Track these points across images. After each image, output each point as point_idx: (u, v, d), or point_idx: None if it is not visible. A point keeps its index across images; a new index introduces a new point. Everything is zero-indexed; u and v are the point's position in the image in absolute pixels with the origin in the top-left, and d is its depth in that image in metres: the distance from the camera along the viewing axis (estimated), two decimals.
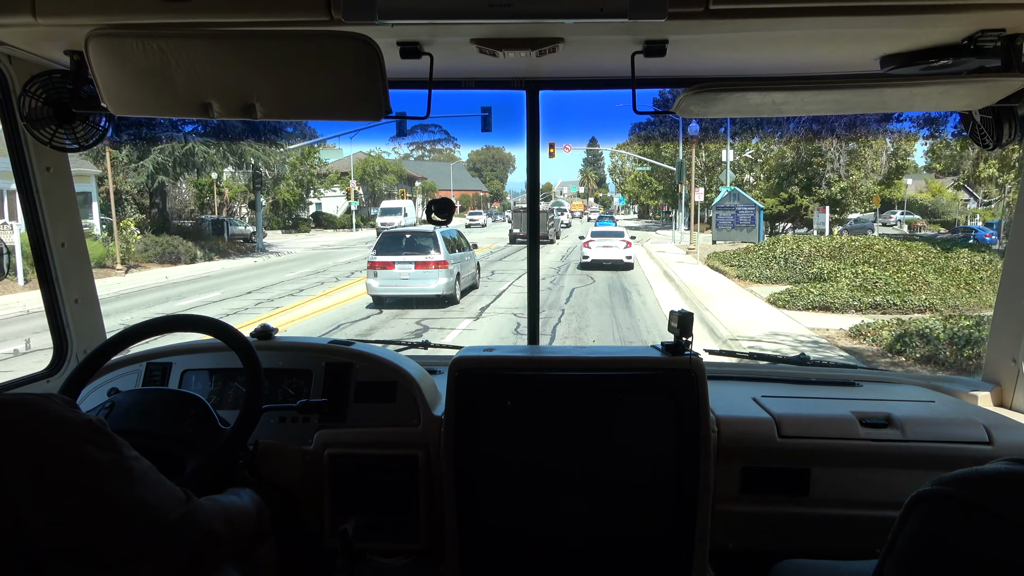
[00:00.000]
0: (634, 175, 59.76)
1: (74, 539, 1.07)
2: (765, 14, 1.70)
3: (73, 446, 1.10)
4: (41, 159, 2.30)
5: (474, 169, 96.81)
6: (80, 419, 1.13)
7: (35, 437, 1.08)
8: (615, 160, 63.90)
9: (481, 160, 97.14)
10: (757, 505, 2.18)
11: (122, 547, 1.13)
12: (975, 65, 1.96)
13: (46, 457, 1.07)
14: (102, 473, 1.12)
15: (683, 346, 2.04)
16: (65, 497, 1.07)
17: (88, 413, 1.20)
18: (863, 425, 2.18)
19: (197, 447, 1.81)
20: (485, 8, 1.62)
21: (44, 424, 1.09)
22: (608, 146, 70.43)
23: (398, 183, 61.70)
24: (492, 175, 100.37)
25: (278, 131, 29.44)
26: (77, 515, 1.08)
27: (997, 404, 2.51)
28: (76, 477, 1.09)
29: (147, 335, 1.98)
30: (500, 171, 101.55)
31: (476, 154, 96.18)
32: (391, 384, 2.23)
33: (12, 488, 1.04)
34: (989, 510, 0.98)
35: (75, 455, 1.09)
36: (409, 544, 2.16)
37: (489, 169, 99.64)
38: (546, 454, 2.03)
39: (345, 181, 52.44)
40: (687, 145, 37.65)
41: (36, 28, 1.76)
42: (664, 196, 49.77)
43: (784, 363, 2.84)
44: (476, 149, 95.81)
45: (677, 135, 36.16)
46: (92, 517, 1.09)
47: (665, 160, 43.31)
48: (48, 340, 2.50)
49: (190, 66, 1.71)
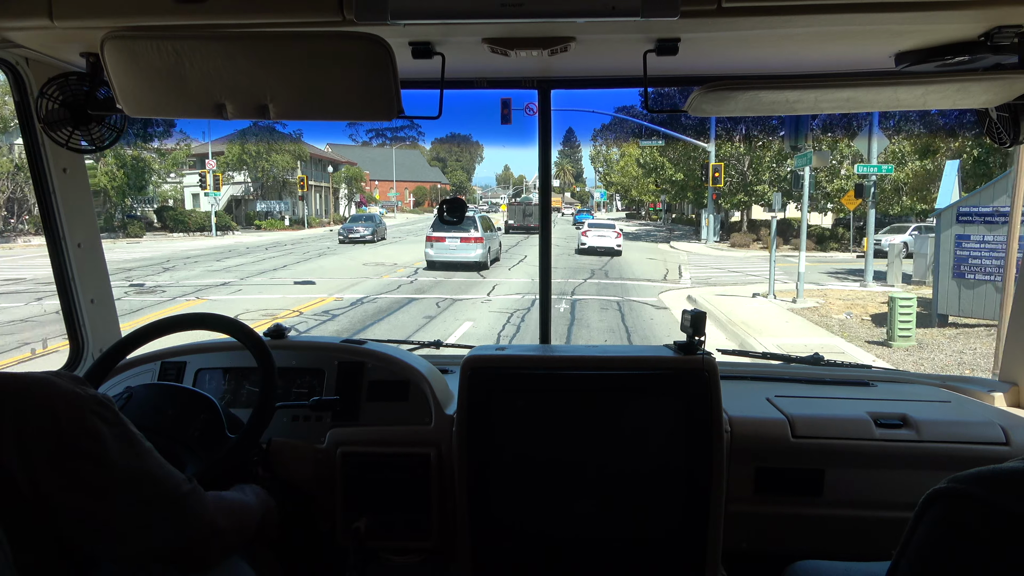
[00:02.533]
0: (622, 164, 49.04)
1: (86, 503, 1.16)
2: (778, 11, 1.69)
3: (80, 416, 1.17)
4: (58, 160, 2.32)
5: (437, 159, 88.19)
6: (87, 393, 1.21)
7: (47, 406, 1.15)
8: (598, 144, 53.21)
9: (445, 149, 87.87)
10: (770, 506, 2.16)
11: (133, 515, 1.22)
12: (992, 62, 1.94)
13: (56, 425, 1.14)
14: (108, 443, 1.19)
15: (696, 345, 2.03)
16: (75, 461, 1.15)
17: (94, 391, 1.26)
18: (878, 425, 2.16)
19: (198, 452, 1.82)
20: (497, 8, 1.62)
21: (53, 395, 1.16)
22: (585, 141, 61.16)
23: (296, 166, 44.56)
24: (456, 165, 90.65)
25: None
26: (88, 480, 1.16)
27: (1013, 404, 2.49)
28: (84, 445, 1.16)
29: (162, 333, 2.00)
30: (466, 161, 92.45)
31: (439, 143, 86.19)
32: (403, 383, 2.24)
33: (29, 453, 1.11)
34: (1006, 509, 0.97)
35: (82, 424, 1.17)
36: (421, 542, 2.17)
37: (454, 159, 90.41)
38: (558, 453, 2.03)
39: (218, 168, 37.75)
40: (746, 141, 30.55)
41: (53, 31, 1.78)
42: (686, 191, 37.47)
43: (797, 363, 2.82)
44: (440, 137, 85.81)
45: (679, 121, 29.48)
46: (102, 483, 1.17)
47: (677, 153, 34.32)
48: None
49: (204, 67, 1.73)
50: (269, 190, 43.93)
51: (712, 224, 33.94)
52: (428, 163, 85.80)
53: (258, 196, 43.72)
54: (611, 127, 43.38)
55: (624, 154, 47.40)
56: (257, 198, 43.63)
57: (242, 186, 42.83)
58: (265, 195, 44.11)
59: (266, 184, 43.30)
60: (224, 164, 39.92)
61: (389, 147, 75.12)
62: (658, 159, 37.13)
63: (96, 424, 1.18)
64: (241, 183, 42.69)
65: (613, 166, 55.52)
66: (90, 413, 1.18)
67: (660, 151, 36.25)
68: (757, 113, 2.24)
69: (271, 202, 43.95)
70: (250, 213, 42.27)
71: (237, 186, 42.60)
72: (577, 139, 63.51)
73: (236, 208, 42.68)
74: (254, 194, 43.42)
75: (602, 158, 61.64)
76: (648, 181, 42.34)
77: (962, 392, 2.57)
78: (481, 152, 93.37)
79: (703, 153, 31.97)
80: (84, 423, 1.17)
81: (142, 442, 1.26)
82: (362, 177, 56.30)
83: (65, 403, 1.16)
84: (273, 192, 44.19)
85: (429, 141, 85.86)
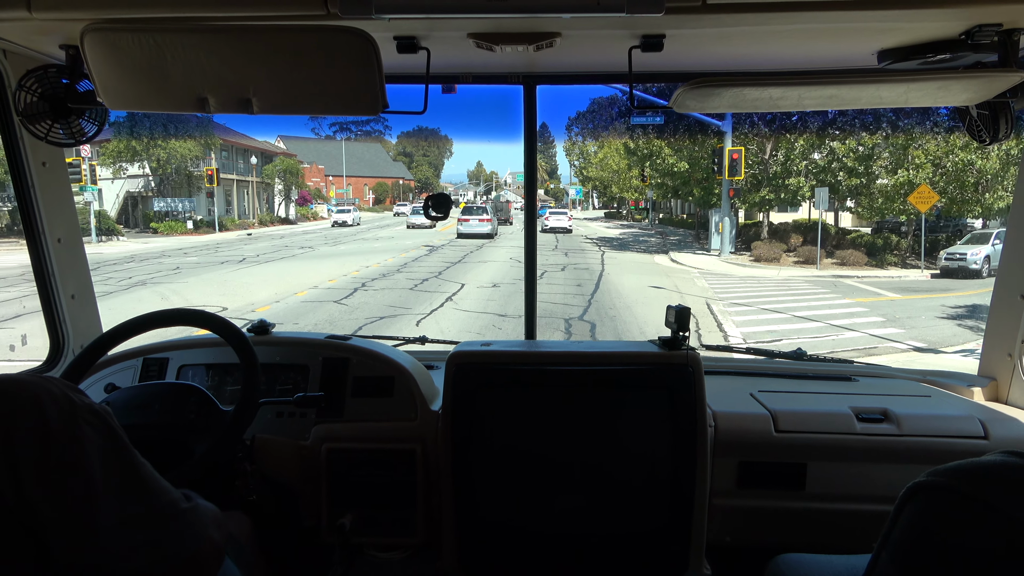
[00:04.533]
0: (601, 156, 43.33)
1: (71, 516, 1.09)
2: (762, 8, 1.70)
3: (72, 427, 1.11)
4: (37, 154, 2.29)
5: (404, 154, 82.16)
6: (81, 402, 1.15)
7: (38, 416, 1.09)
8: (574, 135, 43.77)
9: (412, 143, 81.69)
10: (754, 499, 2.18)
11: (121, 533, 1.14)
12: (972, 60, 1.96)
13: (47, 436, 1.08)
14: (100, 455, 1.13)
15: (680, 341, 2.04)
16: (64, 475, 1.09)
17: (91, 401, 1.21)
18: (859, 420, 2.19)
19: (202, 431, 1.83)
20: (482, 2, 1.62)
21: (46, 403, 1.10)
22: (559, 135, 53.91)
23: (203, 155, 36.21)
24: (423, 160, 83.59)
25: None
26: (75, 493, 1.09)
27: (992, 399, 2.52)
28: (75, 456, 1.10)
29: (144, 329, 1.98)
30: (434, 156, 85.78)
31: (406, 136, 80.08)
32: (388, 379, 2.24)
33: (18, 464, 1.06)
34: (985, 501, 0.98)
35: (74, 435, 1.11)
36: (407, 538, 2.17)
37: (421, 153, 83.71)
38: (543, 448, 2.03)
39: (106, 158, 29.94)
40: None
41: (31, 22, 1.75)
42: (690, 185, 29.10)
43: (781, 358, 2.85)
44: (407, 131, 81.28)
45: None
46: (89, 496, 1.10)
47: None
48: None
49: (186, 60, 1.71)
50: (174, 185, 35.47)
51: (727, 230, 25.10)
52: (393, 158, 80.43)
53: (158, 192, 35.29)
54: (589, 114, 38.93)
55: (603, 145, 41.92)
56: (156, 195, 35.22)
57: (141, 180, 35.01)
58: (167, 191, 35.53)
59: (165, 177, 34.79)
60: (114, 153, 32.61)
61: (355, 141, 70.67)
62: (655, 143, 28.67)
63: (87, 433, 1.12)
64: (141, 176, 34.89)
65: (590, 159, 48.67)
66: (83, 422, 1.12)
67: (657, 132, 27.71)
68: (741, 110, 2.25)
69: (173, 200, 35.35)
70: (148, 213, 34.69)
71: (136, 180, 34.91)
72: (551, 134, 57.70)
73: (134, 208, 35.36)
74: (154, 190, 35.18)
75: (577, 150, 53.50)
76: (631, 176, 37.42)
77: (942, 387, 2.60)
78: (450, 147, 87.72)
79: (712, 136, 24.76)
80: (75, 431, 1.11)
81: (136, 457, 1.19)
82: (299, 171, 47.71)
83: (57, 409, 1.10)
84: (180, 188, 35.84)
85: (395, 135, 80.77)
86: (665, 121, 25.77)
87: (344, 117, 50.95)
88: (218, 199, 37.66)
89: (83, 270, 2.54)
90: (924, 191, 17.12)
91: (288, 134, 59.07)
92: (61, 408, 1.11)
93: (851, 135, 22.63)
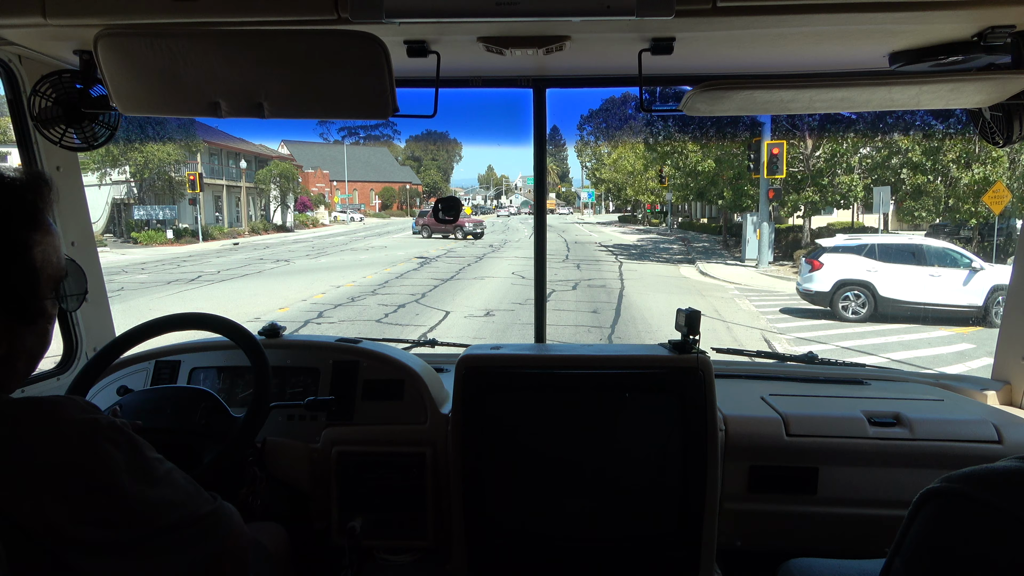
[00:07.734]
0: (615, 158, 41.03)
1: (97, 536, 1.09)
2: (772, 11, 1.70)
3: (95, 446, 1.11)
4: (51, 158, 2.31)
5: (412, 158, 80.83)
6: (104, 420, 1.14)
7: (60, 436, 1.09)
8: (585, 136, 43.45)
9: (421, 148, 79.95)
10: (765, 504, 2.17)
11: (147, 543, 1.14)
12: (985, 62, 1.95)
13: (70, 456, 1.08)
14: (123, 472, 1.12)
15: (690, 344, 2.03)
16: (87, 494, 1.08)
17: (110, 416, 1.21)
18: (872, 424, 2.17)
19: (213, 437, 1.84)
20: (492, 7, 1.62)
21: (68, 424, 1.10)
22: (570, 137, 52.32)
23: (184, 159, 34.13)
24: (432, 164, 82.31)
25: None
26: (98, 513, 1.09)
27: (1006, 403, 2.50)
28: (98, 476, 1.10)
29: (157, 333, 2.00)
30: (443, 160, 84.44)
31: (414, 140, 78.43)
32: (398, 382, 2.24)
33: (40, 485, 1.05)
34: (1000, 507, 0.97)
35: (97, 455, 1.10)
36: (417, 541, 2.17)
37: (429, 157, 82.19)
38: (553, 452, 2.03)
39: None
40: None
41: (46, 28, 1.77)
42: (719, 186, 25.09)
43: (792, 362, 2.83)
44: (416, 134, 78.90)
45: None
46: (113, 515, 1.10)
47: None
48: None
49: (198, 65, 1.72)
50: (156, 191, 33.62)
51: (765, 237, 21.52)
52: (401, 162, 79.54)
53: (140, 200, 33.43)
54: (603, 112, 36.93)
55: (617, 145, 39.18)
56: (138, 202, 33.37)
57: (124, 187, 33.32)
58: (149, 198, 33.76)
59: (145, 183, 32.84)
60: (97, 158, 30.71)
61: (362, 145, 70.44)
62: (676, 141, 25.73)
63: (109, 452, 1.11)
64: (123, 182, 33.23)
65: (604, 160, 46.63)
66: (104, 440, 1.12)
67: (679, 127, 24.41)
68: (752, 112, 2.25)
69: (152, 207, 33.55)
70: (130, 221, 32.99)
71: (120, 186, 33.22)
72: (562, 137, 56.27)
73: (119, 216, 33.75)
74: (136, 198, 33.44)
75: (590, 151, 51.83)
76: (647, 177, 34.54)
77: (955, 391, 2.58)
78: (459, 151, 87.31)
79: (742, 131, 21.97)
80: (97, 452, 1.10)
81: (158, 467, 1.19)
82: (295, 175, 45.66)
83: (77, 431, 1.10)
84: (163, 194, 33.95)
85: (404, 139, 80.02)
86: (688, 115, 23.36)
87: (353, 121, 50.85)
88: (206, 206, 35.67)
89: (96, 273, 2.56)
90: (999, 189, 14.57)
91: (292, 138, 58.70)
92: (80, 430, 1.10)
93: (912, 127, 19.62)
